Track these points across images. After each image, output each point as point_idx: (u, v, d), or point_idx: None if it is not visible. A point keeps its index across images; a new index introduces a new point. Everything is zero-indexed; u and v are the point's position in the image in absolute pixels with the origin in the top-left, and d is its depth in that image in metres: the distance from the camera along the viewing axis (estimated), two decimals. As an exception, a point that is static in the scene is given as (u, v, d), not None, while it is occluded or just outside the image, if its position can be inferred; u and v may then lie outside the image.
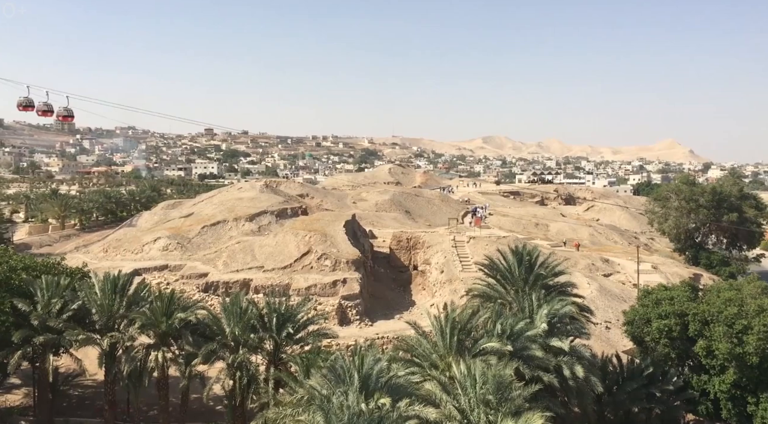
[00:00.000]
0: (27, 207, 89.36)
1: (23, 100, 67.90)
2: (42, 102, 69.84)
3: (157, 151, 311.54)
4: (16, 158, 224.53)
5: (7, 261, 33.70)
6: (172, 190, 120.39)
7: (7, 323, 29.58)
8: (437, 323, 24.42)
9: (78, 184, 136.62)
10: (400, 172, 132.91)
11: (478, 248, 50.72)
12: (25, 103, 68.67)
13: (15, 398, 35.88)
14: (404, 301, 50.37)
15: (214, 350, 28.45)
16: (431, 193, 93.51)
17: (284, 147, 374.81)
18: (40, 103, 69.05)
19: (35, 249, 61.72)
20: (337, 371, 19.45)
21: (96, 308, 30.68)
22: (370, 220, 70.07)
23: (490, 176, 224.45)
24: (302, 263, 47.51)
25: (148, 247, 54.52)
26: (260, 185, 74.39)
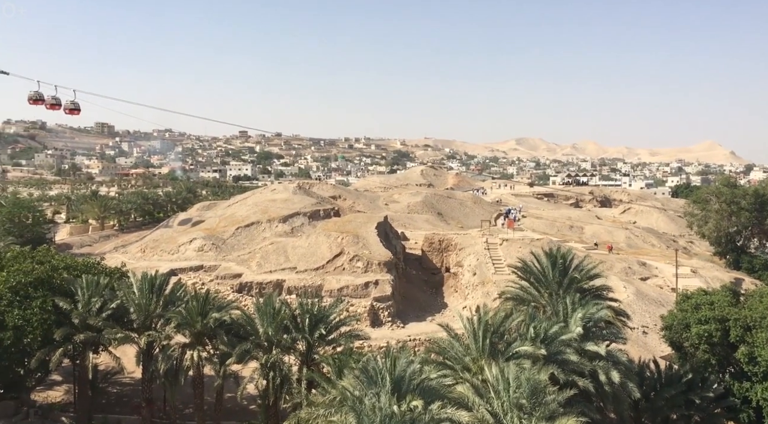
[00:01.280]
0: (68, 208, 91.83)
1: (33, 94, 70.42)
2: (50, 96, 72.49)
3: (193, 154, 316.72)
4: (58, 160, 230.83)
5: (49, 261, 34.67)
6: (208, 192, 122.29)
7: (49, 321, 30.38)
8: (470, 325, 24.25)
9: (117, 185, 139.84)
10: (432, 174, 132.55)
11: (511, 250, 50.25)
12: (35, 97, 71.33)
13: (56, 394, 36.87)
14: (436, 303, 50.19)
15: (248, 350, 28.77)
16: (463, 195, 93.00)
17: (317, 149, 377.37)
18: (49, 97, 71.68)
19: (76, 249, 63.42)
20: (370, 373, 19.44)
21: (134, 307, 31.33)
22: (402, 222, 70.04)
23: (524, 178, 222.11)
24: (334, 265, 47.75)
25: (184, 247, 55.49)
26: (293, 187, 75.09)
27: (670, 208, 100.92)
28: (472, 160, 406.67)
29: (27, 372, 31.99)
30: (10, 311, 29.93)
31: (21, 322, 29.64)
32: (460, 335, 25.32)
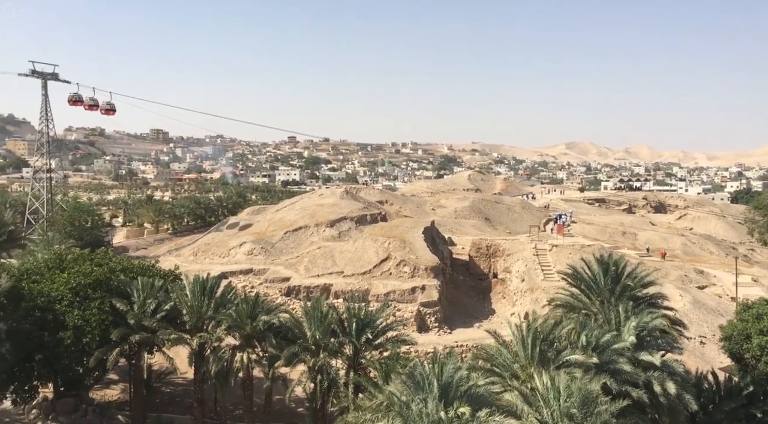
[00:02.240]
0: (125, 212, 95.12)
1: (73, 95, 74.74)
2: (89, 97, 76.42)
3: (243, 159, 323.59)
4: (115, 166, 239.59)
5: (107, 263, 35.95)
6: (257, 197, 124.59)
7: (107, 321, 31.47)
8: (518, 332, 23.86)
9: (171, 190, 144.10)
10: (480, 178, 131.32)
11: (560, 256, 49.31)
12: (75, 99, 75.58)
13: (113, 393, 38.12)
14: (483, 309, 49.67)
15: (296, 353, 29.08)
16: (512, 200, 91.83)
17: (364, 154, 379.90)
18: (87, 99, 75.79)
19: (132, 252, 65.57)
20: (416, 378, 19.35)
21: (186, 309, 32.11)
22: (449, 227, 69.64)
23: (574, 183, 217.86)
24: (381, 269, 47.84)
25: (234, 251, 56.60)
26: (340, 192, 75.62)
27: (729, 215, 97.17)
28: (520, 164, 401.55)
29: (86, 371, 33.17)
30: (70, 312, 31.16)
31: (80, 322, 30.81)
32: (509, 342, 24.94)
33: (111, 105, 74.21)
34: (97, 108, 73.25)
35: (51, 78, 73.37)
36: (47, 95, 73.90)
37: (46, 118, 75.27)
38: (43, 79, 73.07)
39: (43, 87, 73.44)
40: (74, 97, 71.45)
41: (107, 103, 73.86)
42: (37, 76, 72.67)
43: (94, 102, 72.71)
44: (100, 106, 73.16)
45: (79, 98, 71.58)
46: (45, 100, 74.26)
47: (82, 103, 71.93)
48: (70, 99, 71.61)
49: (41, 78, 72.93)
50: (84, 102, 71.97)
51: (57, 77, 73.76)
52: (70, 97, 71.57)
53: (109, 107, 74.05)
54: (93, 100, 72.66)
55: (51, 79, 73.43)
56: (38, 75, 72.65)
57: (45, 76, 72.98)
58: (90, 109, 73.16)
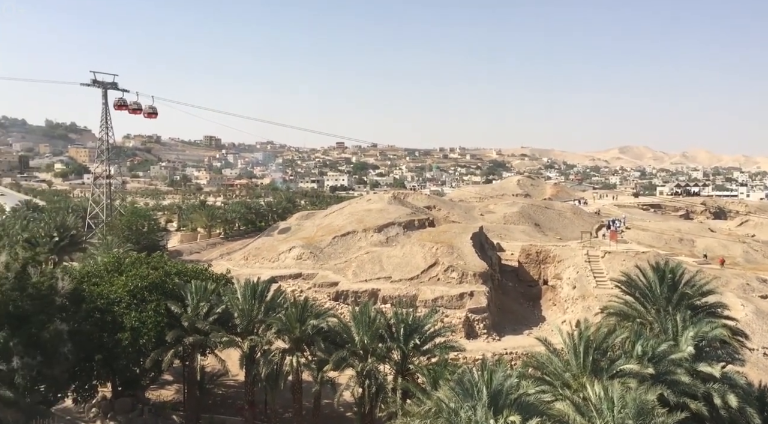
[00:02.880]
0: (179, 217, 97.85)
1: (118, 100, 79.09)
2: (133, 101, 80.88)
3: (293, 165, 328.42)
4: (170, 172, 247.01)
5: (162, 266, 37.01)
6: (306, 202, 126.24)
7: (162, 323, 32.37)
8: (570, 340, 23.36)
9: (222, 195, 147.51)
10: (530, 183, 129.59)
11: (614, 263, 48.06)
12: (120, 103, 79.81)
13: (168, 393, 39.14)
14: (533, 316, 48.85)
15: (345, 358, 29.24)
16: (562, 206, 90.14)
17: (412, 159, 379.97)
18: (131, 103, 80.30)
19: (186, 256, 67.33)
20: (465, 385, 19.17)
21: (237, 313, 32.73)
22: (498, 232, 68.86)
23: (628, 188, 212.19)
24: (429, 275, 47.65)
25: (284, 256, 57.40)
26: (388, 197, 75.83)
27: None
28: (571, 169, 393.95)
29: (142, 371, 34.17)
30: (128, 313, 32.20)
31: (137, 324, 31.80)
32: (560, 350, 24.47)
33: (153, 108, 78.54)
34: (140, 111, 77.73)
35: (111, 87, 76.48)
36: (107, 104, 77.10)
37: (106, 127, 78.37)
38: (103, 89, 76.20)
39: (104, 96, 76.56)
40: (119, 102, 75.86)
41: (149, 107, 78.19)
42: (97, 86, 75.84)
43: (137, 106, 77.17)
44: (143, 110, 77.41)
45: (124, 103, 76.05)
46: (105, 109, 77.35)
47: (127, 108, 76.16)
48: (115, 104, 76.08)
49: (101, 87, 76.07)
50: (128, 106, 76.18)
51: (116, 86, 76.86)
52: (116, 102, 75.96)
53: (151, 111, 78.48)
54: (136, 104, 76.99)
55: (111, 88, 76.54)
56: (99, 85, 75.81)
57: (105, 85, 76.08)
58: (133, 112, 77.56)
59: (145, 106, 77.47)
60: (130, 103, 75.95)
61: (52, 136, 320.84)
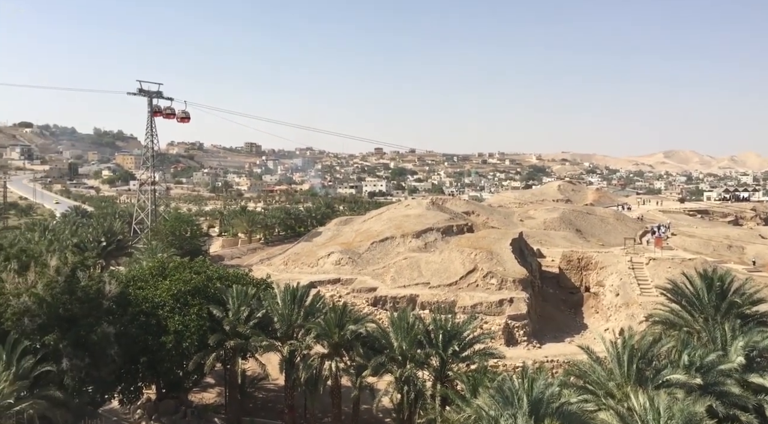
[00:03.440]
0: (221, 222, 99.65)
1: (153, 106, 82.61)
2: (166, 107, 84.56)
3: (331, 170, 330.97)
4: (212, 178, 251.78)
5: (204, 271, 37.70)
6: (345, 207, 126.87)
7: (204, 327, 32.93)
8: (613, 349, 22.90)
9: (263, 201, 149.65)
10: (570, 189, 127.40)
11: (659, 270, 46.84)
12: (155, 109, 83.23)
13: (210, 396, 39.79)
14: (575, 324, 47.97)
15: (383, 363, 29.24)
16: (605, 211, 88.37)
17: (450, 165, 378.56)
18: (165, 108, 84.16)
19: (227, 261, 68.47)
20: (505, 393, 18.98)
21: (277, 317, 33.10)
22: (538, 238, 67.95)
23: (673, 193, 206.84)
24: (468, 281, 47.32)
25: (323, 261, 57.82)
26: (426, 203, 75.65)
27: None
28: (614, 174, 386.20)
29: (185, 374, 34.80)
30: (171, 317, 32.88)
31: (181, 327, 32.43)
32: (603, 358, 24.00)
33: (185, 113, 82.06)
34: (173, 116, 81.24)
35: (156, 96, 78.71)
36: (153, 112, 79.34)
37: (151, 134, 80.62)
38: (148, 97, 78.48)
39: (149, 104, 78.80)
40: (154, 108, 78.76)
41: (182, 112, 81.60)
42: (143, 95, 78.16)
43: (171, 111, 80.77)
44: (176, 115, 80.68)
45: (159, 109, 79.35)
46: (150, 118, 79.58)
47: (161, 113, 79.36)
48: (153, 111, 79.04)
49: (147, 96, 78.36)
50: (162, 111, 79.41)
51: (161, 95, 79.13)
52: (153, 108, 78.86)
53: (184, 115, 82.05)
54: (170, 109, 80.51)
55: (156, 97, 78.75)
56: (144, 93, 78.13)
57: (150, 94, 78.34)
58: (167, 117, 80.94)
59: (178, 111, 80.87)
60: (164, 108, 79.35)
61: (100, 144, 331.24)
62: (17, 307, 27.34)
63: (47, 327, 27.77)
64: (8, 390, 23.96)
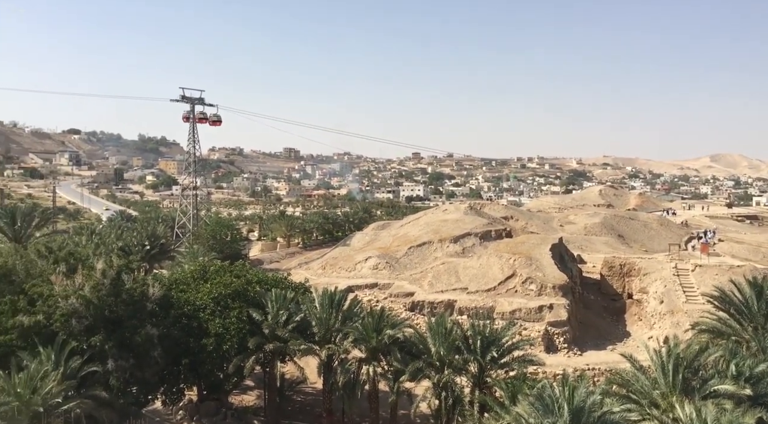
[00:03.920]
0: (260, 227, 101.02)
1: (186, 113, 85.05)
2: (199, 111, 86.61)
3: (369, 175, 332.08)
4: (252, 183, 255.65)
5: (244, 275, 38.25)
6: (382, 212, 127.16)
7: (244, 330, 33.38)
8: (657, 357, 22.32)
9: (301, 206, 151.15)
10: (612, 193, 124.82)
11: (705, 277, 45.51)
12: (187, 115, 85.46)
13: (249, 398, 40.29)
14: (617, 331, 46.95)
15: (421, 369, 29.16)
16: (648, 217, 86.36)
17: (488, 169, 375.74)
18: (197, 112, 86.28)
19: (266, 264, 69.35)
20: (545, 401, 18.70)
21: (315, 321, 33.33)
22: (579, 244, 66.78)
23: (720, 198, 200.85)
24: (506, 286, 46.82)
25: (360, 265, 57.98)
26: (464, 207, 75.21)
27: None
28: (657, 179, 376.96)
29: (225, 376, 35.34)
30: (212, 320, 33.44)
31: (221, 330, 32.95)
32: (646, 367, 23.42)
33: (217, 116, 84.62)
34: (206, 120, 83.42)
35: (198, 102, 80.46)
36: (195, 118, 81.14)
37: (193, 140, 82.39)
38: (191, 104, 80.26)
39: (191, 111, 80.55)
40: (186, 114, 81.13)
41: (214, 115, 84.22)
42: (186, 102, 79.95)
43: (203, 115, 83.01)
44: (208, 119, 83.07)
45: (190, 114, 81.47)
46: (192, 124, 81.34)
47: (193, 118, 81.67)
48: (184, 116, 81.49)
49: (189, 103, 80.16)
50: (195, 116, 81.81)
51: (203, 102, 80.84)
52: (184, 114, 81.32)
53: (215, 119, 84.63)
54: (202, 114, 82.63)
55: (198, 103, 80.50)
56: (187, 100, 79.93)
57: (193, 101, 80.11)
58: (200, 121, 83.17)
59: (210, 115, 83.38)
60: (197, 113, 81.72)
61: (144, 149, 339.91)
62: (65, 308, 28.23)
63: (94, 328, 28.56)
64: (56, 389, 24.68)
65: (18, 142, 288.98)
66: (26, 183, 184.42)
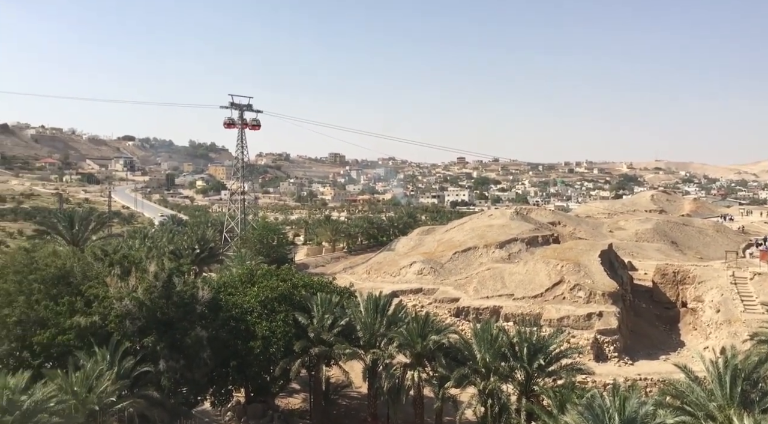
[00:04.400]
0: (306, 231, 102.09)
1: (227, 119, 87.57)
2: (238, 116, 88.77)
3: (413, 180, 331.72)
4: (298, 188, 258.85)
5: (290, 279, 38.75)
6: (426, 217, 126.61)
7: (290, 333, 33.77)
8: (714, 368, 21.53)
9: (346, 210, 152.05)
10: (665, 199, 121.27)
11: (764, 286, 43.73)
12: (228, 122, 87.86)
13: (295, 401, 40.72)
14: (670, 341, 45.50)
15: (466, 375, 28.90)
16: (703, 223, 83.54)
17: (535, 174, 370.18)
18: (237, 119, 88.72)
19: (311, 269, 70.07)
20: (595, 411, 18.26)
21: (360, 325, 33.44)
22: (629, 250, 65.11)
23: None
24: (553, 293, 45.99)
25: (405, 270, 57.97)
26: (510, 212, 74.33)
27: None
28: (713, 183, 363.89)
29: (272, 379, 35.79)
30: (259, 323, 33.97)
31: (268, 333, 33.43)
32: (702, 378, 22.61)
33: (256, 121, 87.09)
34: (246, 126, 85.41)
35: (246, 109, 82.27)
36: (243, 124, 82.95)
37: (241, 146, 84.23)
38: (239, 111, 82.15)
39: (240, 117, 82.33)
40: (228, 121, 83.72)
41: (253, 120, 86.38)
42: (234, 108, 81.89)
43: (242, 120, 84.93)
44: (247, 124, 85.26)
45: (232, 121, 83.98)
46: (241, 130, 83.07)
47: (234, 124, 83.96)
48: (225, 122, 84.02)
49: (238, 109, 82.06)
50: (235, 123, 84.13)
51: (251, 108, 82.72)
52: (225, 120, 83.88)
53: (254, 123, 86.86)
54: (242, 119, 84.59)
55: (246, 110, 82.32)
56: (236, 107, 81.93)
57: (241, 107, 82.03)
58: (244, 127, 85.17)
59: (249, 120, 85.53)
60: (237, 119, 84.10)
61: (194, 155, 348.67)
62: (120, 310, 29.16)
63: (146, 329, 29.40)
64: (111, 389, 25.46)
65: (76, 148, 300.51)
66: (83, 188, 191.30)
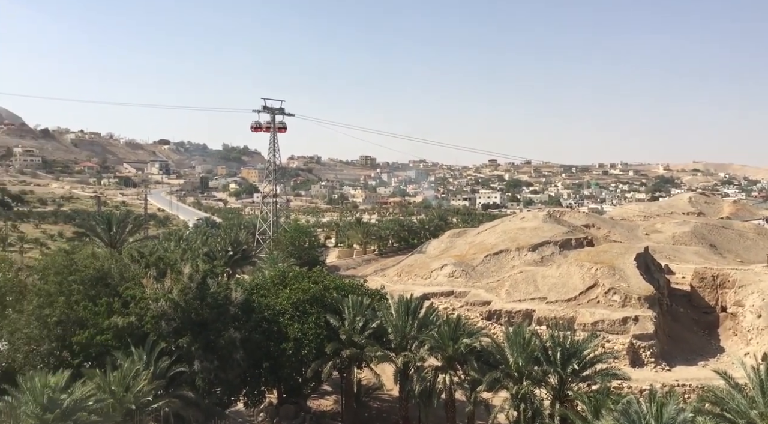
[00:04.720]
0: (337, 234, 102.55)
1: (254, 123, 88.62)
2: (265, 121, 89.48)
3: (444, 182, 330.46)
4: (329, 191, 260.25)
5: (322, 281, 38.96)
6: (458, 220, 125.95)
7: (322, 335, 33.95)
8: (756, 375, 20.92)
9: (377, 213, 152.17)
10: (703, 201, 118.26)
11: (808, 290, 42.30)
12: (255, 126, 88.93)
13: (327, 403, 40.89)
14: (709, 346, 44.37)
15: (498, 379, 28.65)
16: (744, 225, 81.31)
17: (568, 176, 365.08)
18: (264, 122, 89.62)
19: (342, 271, 70.32)
20: (632, 417, 17.93)
21: (391, 328, 33.41)
22: (666, 253, 63.75)
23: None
24: (587, 297, 45.29)
25: (436, 273, 57.76)
26: (543, 215, 73.50)
27: None
28: (754, 185, 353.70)
29: (304, 380, 36.03)
30: (291, 325, 34.23)
31: (300, 335, 33.68)
32: (743, 385, 21.98)
33: (282, 123, 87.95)
34: (274, 129, 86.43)
35: (278, 112, 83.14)
36: (275, 128, 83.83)
37: (273, 149, 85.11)
38: (272, 114, 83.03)
39: (272, 120, 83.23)
40: (255, 125, 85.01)
41: (279, 123, 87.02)
42: (267, 112, 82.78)
43: (269, 123, 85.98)
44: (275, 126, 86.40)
45: (259, 125, 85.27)
46: (273, 133, 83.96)
47: (261, 128, 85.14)
48: (251, 126, 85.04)
49: (270, 113, 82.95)
50: (262, 127, 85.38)
51: (283, 111, 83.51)
52: (253, 124, 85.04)
53: (281, 126, 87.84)
54: (268, 122, 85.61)
55: (278, 113, 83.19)
56: (268, 110, 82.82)
57: (273, 110, 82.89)
58: (267, 130, 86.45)
59: (276, 122, 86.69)
60: (264, 123, 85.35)
61: (227, 158, 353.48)
62: (156, 311, 29.70)
63: (181, 330, 29.89)
64: (147, 388, 25.94)
65: (113, 152, 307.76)
66: (121, 191, 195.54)
